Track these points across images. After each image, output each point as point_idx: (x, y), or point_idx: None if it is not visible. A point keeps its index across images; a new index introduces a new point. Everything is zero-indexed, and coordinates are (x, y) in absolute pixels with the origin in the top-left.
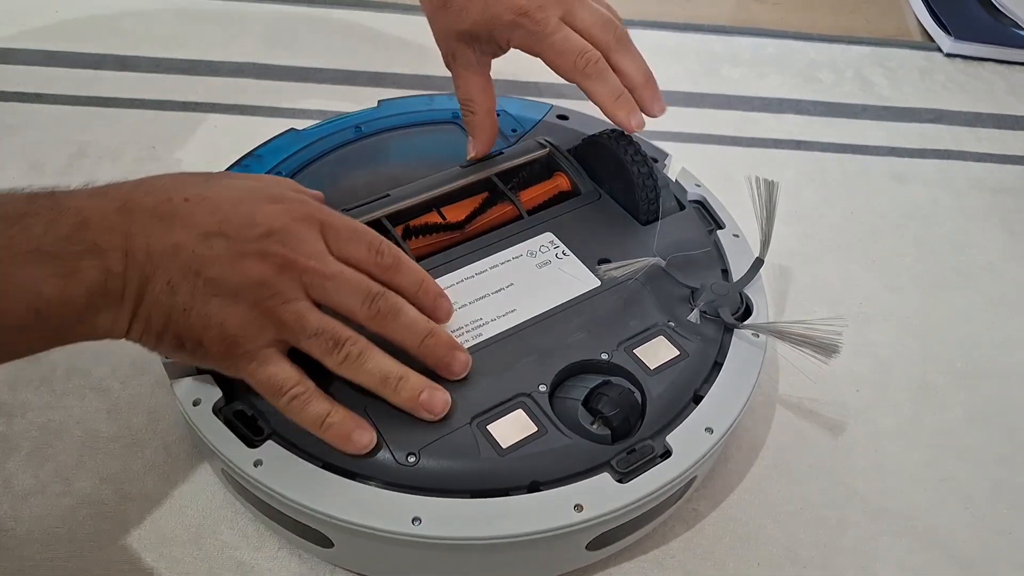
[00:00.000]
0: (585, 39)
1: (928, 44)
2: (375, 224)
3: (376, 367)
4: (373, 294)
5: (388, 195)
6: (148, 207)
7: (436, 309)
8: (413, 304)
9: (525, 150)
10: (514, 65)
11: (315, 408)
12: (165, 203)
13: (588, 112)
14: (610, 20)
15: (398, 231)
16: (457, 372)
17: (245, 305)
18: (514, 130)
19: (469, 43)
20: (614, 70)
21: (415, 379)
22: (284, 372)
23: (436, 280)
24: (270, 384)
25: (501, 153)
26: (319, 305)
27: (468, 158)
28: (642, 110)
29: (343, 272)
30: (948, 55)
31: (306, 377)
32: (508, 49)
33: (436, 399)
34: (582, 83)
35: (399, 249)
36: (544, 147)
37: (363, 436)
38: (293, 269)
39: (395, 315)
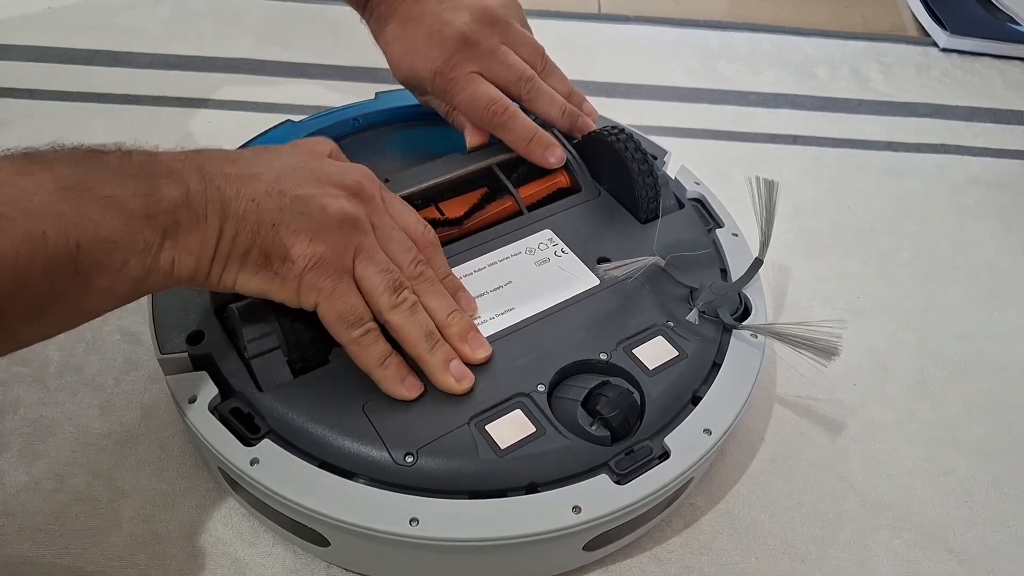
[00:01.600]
0: (500, 89)
1: (924, 39)
2: None
3: (424, 320)
4: (419, 258)
5: (388, 180)
6: (218, 155)
7: (455, 299)
8: None
9: None
10: None
11: (382, 347)
12: (234, 153)
13: (591, 106)
14: (523, 73)
15: None
16: (477, 352)
17: (331, 225)
18: None
19: (410, 88)
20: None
21: (449, 348)
22: (363, 307)
23: None
24: (351, 314)
25: (501, 142)
26: None
27: (468, 148)
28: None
29: (398, 229)
30: (944, 50)
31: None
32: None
33: (465, 370)
34: (495, 132)
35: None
36: None
37: (415, 381)
38: (366, 203)
39: (431, 283)
